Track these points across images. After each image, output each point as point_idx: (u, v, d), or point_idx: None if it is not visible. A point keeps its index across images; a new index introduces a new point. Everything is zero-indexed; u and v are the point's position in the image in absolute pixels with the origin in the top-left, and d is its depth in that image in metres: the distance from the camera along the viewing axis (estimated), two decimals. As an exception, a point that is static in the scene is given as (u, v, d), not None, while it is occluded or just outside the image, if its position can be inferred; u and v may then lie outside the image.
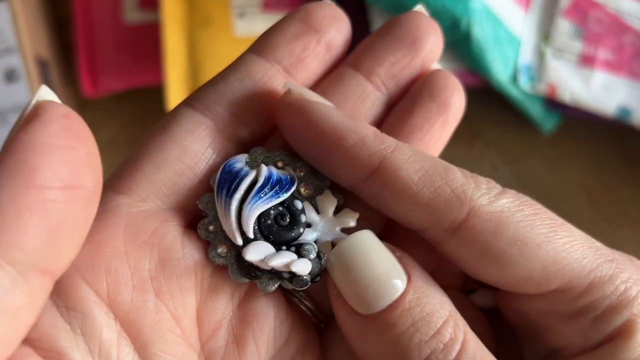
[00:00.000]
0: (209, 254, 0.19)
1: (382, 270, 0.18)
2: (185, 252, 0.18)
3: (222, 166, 0.19)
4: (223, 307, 0.19)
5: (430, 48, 0.21)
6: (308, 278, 0.18)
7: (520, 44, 0.45)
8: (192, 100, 0.20)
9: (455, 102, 0.21)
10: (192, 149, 0.19)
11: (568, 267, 0.18)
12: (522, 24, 0.45)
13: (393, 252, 0.18)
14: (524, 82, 0.45)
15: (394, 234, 0.21)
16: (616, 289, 0.18)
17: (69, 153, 0.15)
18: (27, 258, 0.15)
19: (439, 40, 0.21)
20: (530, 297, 0.19)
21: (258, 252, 0.18)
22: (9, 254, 0.14)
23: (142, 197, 0.19)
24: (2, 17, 0.39)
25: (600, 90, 0.44)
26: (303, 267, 0.18)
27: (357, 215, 0.20)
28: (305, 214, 0.19)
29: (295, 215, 0.19)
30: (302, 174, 0.20)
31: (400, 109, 0.21)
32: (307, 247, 0.19)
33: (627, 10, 0.44)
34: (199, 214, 0.19)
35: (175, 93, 0.43)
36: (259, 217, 0.19)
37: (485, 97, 0.47)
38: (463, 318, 0.18)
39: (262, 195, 0.18)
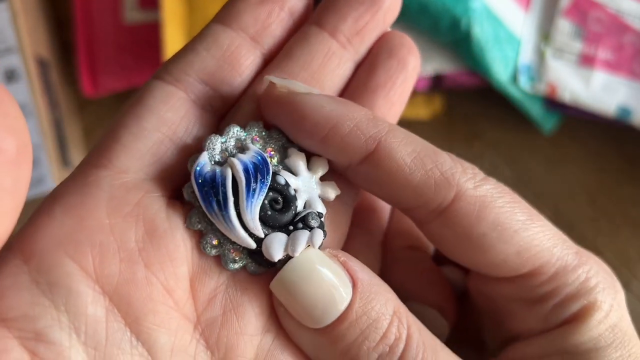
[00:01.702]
0: (224, 266, 0.18)
1: (326, 286, 0.18)
2: (172, 222, 0.18)
3: (192, 176, 0.18)
4: (217, 275, 0.18)
5: (390, 3, 0.21)
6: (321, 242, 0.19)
7: (520, 44, 0.45)
8: (162, 74, 0.20)
9: (411, 61, 0.21)
10: (169, 119, 0.19)
11: (540, 254, 0.19)
12: (522, 24, 0.45)
13: (337, 258, 0.18)
14: (524, 82, 0.45)
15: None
16: (577, 278, 0.19)
17: None
18: None
19: None
20: (499, 281, 0.20)
21: (279, 248, 0.18)
22: None
23: (123, 169, 0.18)
24: (2, 17, 0.39)
25: (600, 90, 0.44)
26: (319, 238, 0.18)
27: (325, 159, 0.20)
28: (290, 185, 0.19)
29: (284, 192, 0.19)
30: (259, 143, 0.19)
31: (363, 68, 0.22)
32: (310, 217, 0.19)
33: (627, 10, 0.44)
34: (182, 182, 0.19)
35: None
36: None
37: (485, 97, 0.47)
38: (405, 306, 0.18)
39: (253, 192, 0.18)
